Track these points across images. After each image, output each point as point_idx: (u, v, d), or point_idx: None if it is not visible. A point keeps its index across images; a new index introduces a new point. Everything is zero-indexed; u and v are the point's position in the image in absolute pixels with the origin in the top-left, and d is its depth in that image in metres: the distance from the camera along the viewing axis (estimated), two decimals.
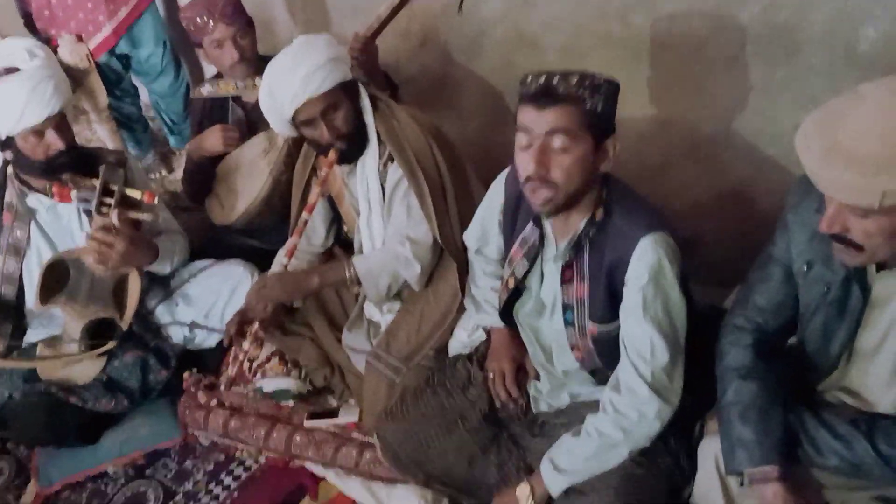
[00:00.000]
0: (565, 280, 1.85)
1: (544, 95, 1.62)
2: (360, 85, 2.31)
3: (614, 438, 1.77)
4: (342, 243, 2.66)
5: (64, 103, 2.28)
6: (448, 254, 2.32)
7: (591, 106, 1.63)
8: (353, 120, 2.24)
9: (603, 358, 1.89)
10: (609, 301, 1.80)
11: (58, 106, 2.25)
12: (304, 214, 2.37)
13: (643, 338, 1.73)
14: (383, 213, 2.36)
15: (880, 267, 1.54)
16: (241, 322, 2.40)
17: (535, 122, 1.64)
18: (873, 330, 1.59)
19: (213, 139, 2.78)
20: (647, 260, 1.70)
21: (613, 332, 1.82)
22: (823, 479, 1.65)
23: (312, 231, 2.53)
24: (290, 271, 2.39)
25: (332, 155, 2.25)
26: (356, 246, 2.52)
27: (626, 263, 1.73)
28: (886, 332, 1.57)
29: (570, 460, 1.82)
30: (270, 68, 2.17)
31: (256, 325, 2.35)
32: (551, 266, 1.90)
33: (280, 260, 2.42)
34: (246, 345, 2.37)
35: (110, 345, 2.44)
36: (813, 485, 1.65)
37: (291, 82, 2.10)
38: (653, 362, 1.73)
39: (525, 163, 1.68)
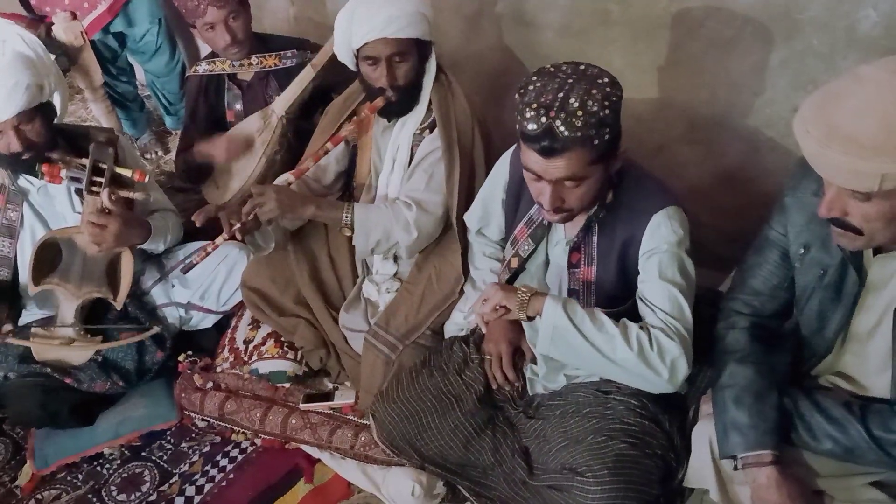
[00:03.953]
0: (572, 264, 1.85)
1: (549, 143, 1.55)
2: (433, 49, 2.31)
3: (630, 344, 1.67)
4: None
5: (25, 104, 2.17)
6: (456, 238, 2.33)
7: (599, 141, 1.57)
8: (412, 77, 2.25)
9: None
10: (619, 281, 1.81)
11: (13, 110, 2.16)
12: (329, 144, 2.34)
13: (664, 296, 1.72)
14: (404, 176, 2.36)
15: (877, 251, 1.54)
16: (229, 216, 2.22)
17: (542, 169, 1.61)
18: (868, 314, 1.59)
19: (218, 149, 2.79)
20: (662, 232, 1.72)
21: (619, 315, 1.81)
22: (818, 464, 1.66)
23: (326, 169, 2.50)
24: (290, 189, 2.32)
25: (378, 101, 2.25)
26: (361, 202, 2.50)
27: (638, 239, 1.75)
28: (881, 315, 1.57)
29: (582, 313, 1.71)
30: None
31: (237, 225, 2.19)
32: (557, 251, 1.89)
33: (285, 177, 2.36)
34: (219, 240, 2.23)
35: (114, 343, 2.44)
36: (806, 469, 1.66)
37: (376, 15, 2.10)
38: (682, 318, 1.71)
39: (537, 194, 1.68)
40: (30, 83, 2.18)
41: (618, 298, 1.83)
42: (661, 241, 1.73)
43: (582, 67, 1.62)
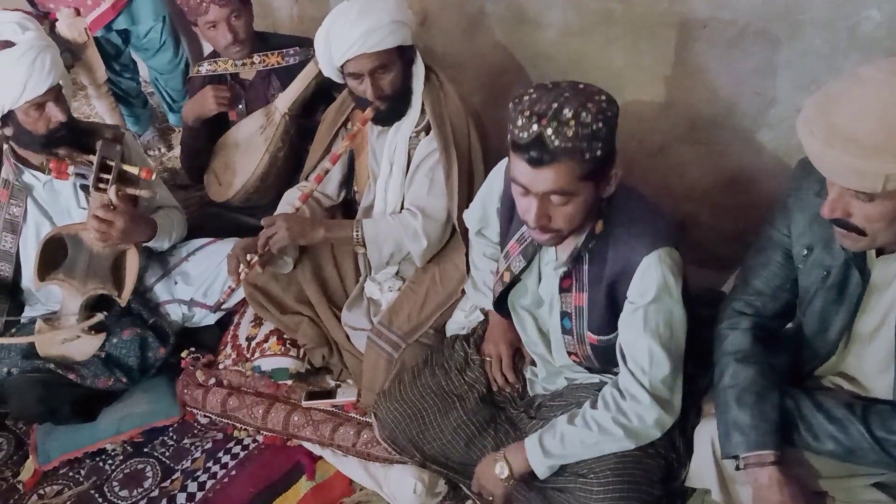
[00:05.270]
0: (564, 288, 1.83)
1: (537, 152, 1.49)
2: (416, 51, 2.30)
3: (614, 434, 1.75)
4: (348, 206, 2.65)
5: (61, 74, 2.27)
6: (460, 238, 2.33)
7: (591, 155, 1.50)
8: (399, 84, 2.25)
9: (601, 361, 1.89)
10: (608, 312, 1.78)
11: (57, 77, 2.24)
12: (327, 163, 2.38)
13: (642, 349, 1.71)
14: (403, 181, 2.36)
15: (879, 252, 1.54)
16: (245, 251, 2.35)
17: (529, 181, 1.54)
18: (871, 315, 1.59)
19: (204, 100, 2.78)
20: (651, 278, 1.66)
21: (613, 340, 1.81)
22: (819, 465, 1.66)
23: (328, 179, 2.51)
24: (299, 216, 2.38)
25: (368, 112, 2.26)
26: (361, 208, 2.52)
27: (628, 277, 1.69)
28: (884, 317, 1.57)
29: (561, 445, 1.80)
30: (335, 11, 2.17)
31: (256, 258, 2.31)
32: (548, 270, 1.87)
33: (292, 202, 2.41)
34: (242, 275, 2.33)
35: (98, 317, 2.44)
36: (808, 470, 1.66)
37: (350, 33, 2.10)
38: (652, 373, 1.71)
39: (524, 211, 1.62)
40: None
41: (609, 327, 1.81)
42: (650, 285, 1.66)
43: (581, 86, 1.56)
